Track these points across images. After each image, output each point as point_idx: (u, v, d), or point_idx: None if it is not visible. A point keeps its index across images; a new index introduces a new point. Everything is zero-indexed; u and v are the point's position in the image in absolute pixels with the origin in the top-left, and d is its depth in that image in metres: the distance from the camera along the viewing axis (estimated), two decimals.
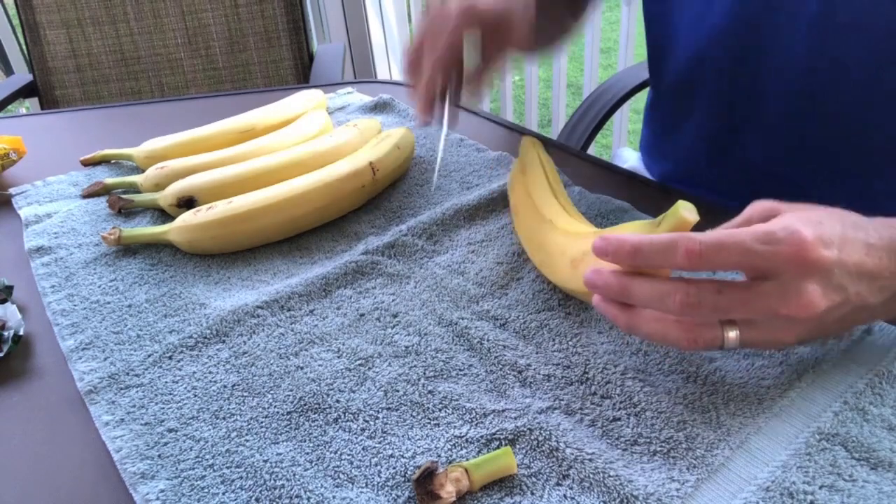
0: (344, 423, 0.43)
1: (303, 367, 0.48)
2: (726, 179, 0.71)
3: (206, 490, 0.39)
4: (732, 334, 0.38)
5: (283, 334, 0.51)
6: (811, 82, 0.60)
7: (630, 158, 0.95)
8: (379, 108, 0.87)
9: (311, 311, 0.53)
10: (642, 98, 0.95)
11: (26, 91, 1.45)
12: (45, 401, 0.48)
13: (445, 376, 0.46)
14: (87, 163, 0.78)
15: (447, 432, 0.42)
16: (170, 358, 0.49)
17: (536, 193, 0.57)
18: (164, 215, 0.67)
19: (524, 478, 0.39)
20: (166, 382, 0.47)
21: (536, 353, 0.47)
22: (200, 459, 0.41)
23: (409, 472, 0.40)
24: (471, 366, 0.47)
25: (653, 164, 0.84)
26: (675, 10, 0.69)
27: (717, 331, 0.38)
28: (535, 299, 0.52)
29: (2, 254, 0.65)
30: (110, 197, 0.68)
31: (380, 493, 0.39)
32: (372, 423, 0.43)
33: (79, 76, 1.46)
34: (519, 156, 0.64)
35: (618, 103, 1.05)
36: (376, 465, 0.40)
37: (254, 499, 0.39)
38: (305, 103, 0.81)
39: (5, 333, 0.52)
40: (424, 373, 0.46)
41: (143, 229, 0.62)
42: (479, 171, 0.70)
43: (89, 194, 0.71)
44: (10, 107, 1.40)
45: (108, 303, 0.55)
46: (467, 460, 0.39)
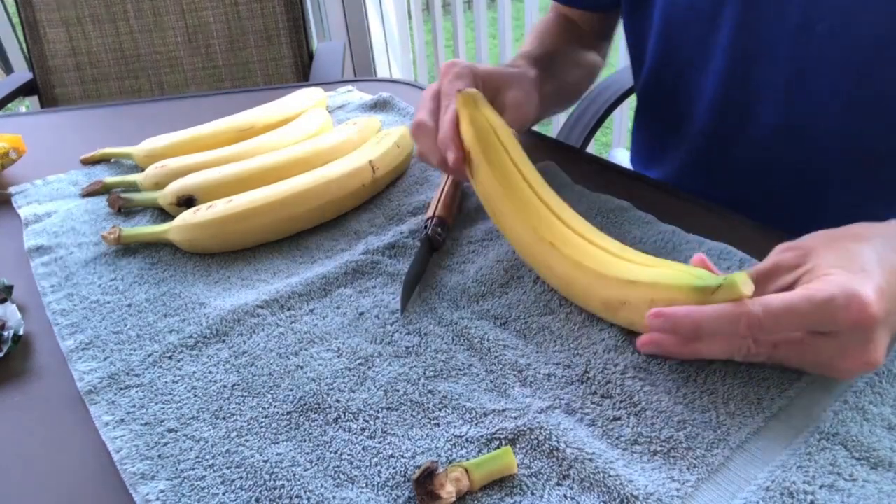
0: (344, 423, 0.43)
1: (303, 367, 0.48)
2: (714, 189, 0.71)
3: (206, 490, 0.39)
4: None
5: (283, 334, 0.51)
6: (795, 92, 0.60)
7: (624, 159, 0.95)
8: (379, 106, 0.87)
9: (311, 311, 0.53)
10: None
11: (26, 89, 1.45)
12: (45, 401, 0.48)
13: (445, 376, 0.46)
14: (86, 161, 0.78)
15: (447, 432, 0.42)
16: (170, 358, 0.49)
17: (513, 197, 0.52)
18: (163, 214, 0.67)
19: (524, 478, 0.39)
20: (166, 382, 0.47)
21: (537, 352, 0.47)
22: (200, 459, 0.41)
23: (409, 472, 0.40)
24: (471, 365, 0.47)
25: (643, 172, 0.84)
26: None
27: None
28: (536, 299, 0.52)
29: (1, 253, 0.65)
30: (110, 196, 0.68)
31: (380, 493, 0.39)
32: (372, 422, 0.43)
33: (79, 74, 1.46)
34: (462, 122, 0.55)
35: (617, 101, 1.05)
36: (376, 465, 0.40)
37: (254, 499, 0.39)
38: (305, 101, 0.81)
39: (5, 333, 0.52)
40: (424, 372, 0.46)
41: (143, 228, 0.62)
42: None
43: (89, 193, 0.71)
44: (9, 105, 1.40)
45: (108, 302, 0.55)
46: (467, 460, 0.39)
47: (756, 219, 0.58)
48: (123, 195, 0.68)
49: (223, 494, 0.39)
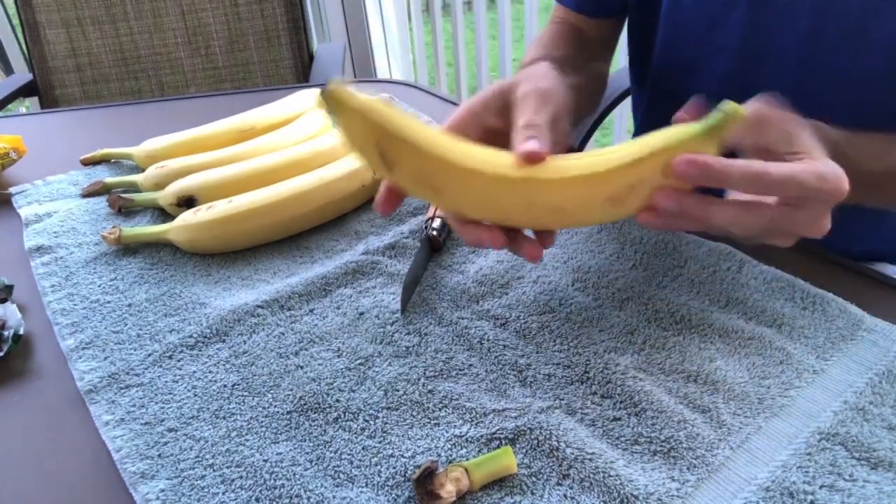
0: (344, 423, 0.43)
1: (303, 367, 0.48)
2: (715, 189, 0.71)
3: (206, 490, 0.39)
4: None
5: (283, 334, 0.51)
6: (802, 94, 0.60)
7: None
8: None
9: (311, 311, 0.53)
10: None
11: (26, 90, 1.45)
12: (45, 400, 0.48)
13: (445, 376, 0.46)
14: (86, 162, 0.78)
15: (447, 432, 0.42)
16: (170, 357, 0.49)
17: (447, 164, 0.41)
18: (164, 214, 0.67)
19: (524, 477, 0.39)
20: (166, 382, 0.47)
21: (537, 352, 0.47)
22: (200, 459, 0.41)
23: (409, 472, 0.40)
24: (471, 365, 0.47)
25: None
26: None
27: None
28: (536, 299, 0.52)
29: (2, 253, 0.65)
30: (110, 196, 0.68)
31: (380, 492, 0.39)
32: (372, 422, 0.43)
33: (79, 75, 1.46)
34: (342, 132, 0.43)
35: (617, 100, 1.05)
36: (376, 465, 0.40)
37: (254, 498, 0.39)
38: (305, 102, 0.81)
39: (5, 333, 0.52)
40: (424, 372, 0.46)
41: (143, 228, 0.62)
42: None
43: (89, 193, 0.71)
44: (10, 106, 1.39)
45: (108, 302, 0.55)
46: (467, 460, 0.39)
47: None
48: (124, 195, 0.68)
49: (223, 494, 0.39)
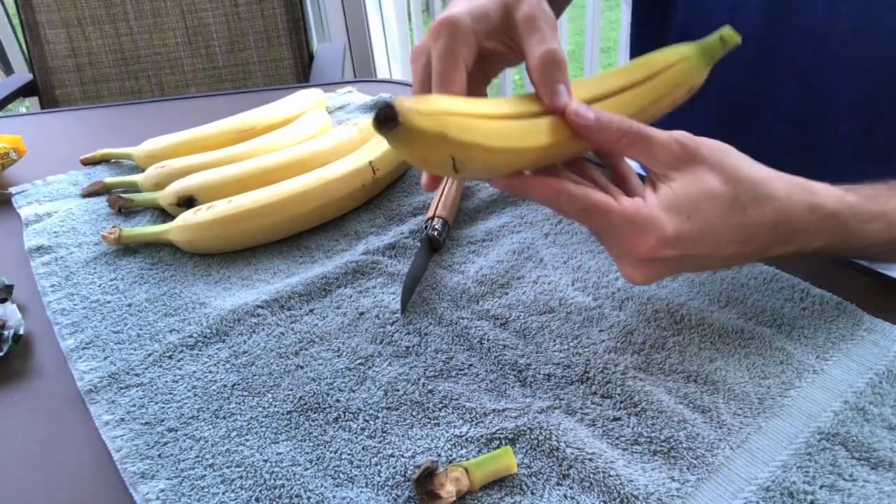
0: (344, 423, 0.43)
1: (303, 367, 0.48)
2: None
3: (206, 490, 0.39)
4: None
5: (283, 333, 0.51)
6: (815, 85, 0.60)
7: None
8: None
9: (311, 311, 0.53)
10: None
11: (26, 90, 1.45)
12: (45, 400, 0.48)
13: (445, 376, 0.46)
14: (86, 162, 0.78)
15: (447, 432, 0.42)
16: (170, 357, 0.49)
17: (521, 143, 0.40)
18: (164, 214, 0.67)
19: (524, 477, 0.39)
20: (166, 382, 0.47)
21: (537, 352, 0.47)
22: (200, 459, 0.41)
23: (409, 472, 0.40)
24: (471, 365, 0.47)
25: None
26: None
27: None
28: (536, 299, 0.52)
29: (2, 253, 0.65)
30: (110, 196, 0.68)
31: (380, 492, 0.39)
32: (372, 422, 0.43)
33: (79, 75, 1.46)
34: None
35: None
36: (376, 465, 0.40)
37: (254, 498, 0.39)
38: (305, 102, 0.81)
39: (5, 333, 0.52)
40: (424, 372, 0.46)
41: (143, 228, 0.62)
42: None
43: (89, 193, 0.71)
44: (10, 106, 1.40)
45: (108, 302, 0.55)
46: (467, 460, 0.39)
47: None
48: (124, 195, 0.68)
49: (223, 494, 0.39)
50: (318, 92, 0.85)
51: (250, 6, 1.45)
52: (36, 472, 0.42)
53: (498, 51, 0.45)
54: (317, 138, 0.70)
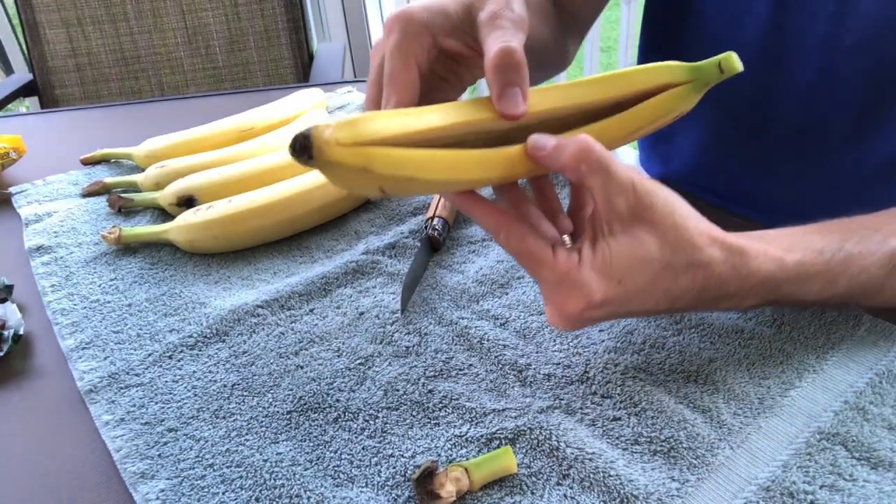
0: (344, 423, 0.43)
1: (303, 367, 0.48)
2: (725, 186, 0.70)
3: (206, 490, 0.39)
4: None
5: (283, 333, 0.51)
6: (816, 100, 0.60)
7: (626, 158, 0.95)
8: None
9: (311, 311, 0.53)
10: None
11: (26, 90, 1.45)
12: (45, 400, 0.48)
13: (445, 376, 0.46)
14: (86, 162, 0.78)
15: (447, 432, 0.42)
16: (170, 357, 0.49)
17: (455, 174, 0.38)
18: (164, 214, 0.67)
19: (524, 477, 0.39)
20: (166, 382, 0.47)
21: (537, 352, 0.47)
22: (200, 459, 0.41)
23: (409, 472, 0.40)
24: (471, 365, 0.47)
25: (651, 166, 0.84)
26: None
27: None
28: (536, 299, 0.52)
29: (2, 253, 0.65)
30: (110, 196, 0.68)
31: (380, 492, 0.39)
32: (372, 422, 0.43)
33: (79, 75, 1.46)
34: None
35: None
36: (376, 465, 0.40)
37: (254, 498, 0.39)
38: (305, 102, 0.81)
39: (5, 333, 0.52)
40: (424, 372, 0.46)
41: (143, 228, 0.62)
42: None
43: (89, 193, 0.71)
44: (9, 106, 1.40)
45: (108, 302, 0.55)
46: (467, 460, 0.39)
47: (759, 218, 0.58)
48: (124, 195, 0.68)
49: (223, 494, 0.39)
50: (318, 92, 0.85)
51: (250, 6, 1.45)
52: (36, 472, 0.42)
53: (463, 53, 0.43)
54: None
